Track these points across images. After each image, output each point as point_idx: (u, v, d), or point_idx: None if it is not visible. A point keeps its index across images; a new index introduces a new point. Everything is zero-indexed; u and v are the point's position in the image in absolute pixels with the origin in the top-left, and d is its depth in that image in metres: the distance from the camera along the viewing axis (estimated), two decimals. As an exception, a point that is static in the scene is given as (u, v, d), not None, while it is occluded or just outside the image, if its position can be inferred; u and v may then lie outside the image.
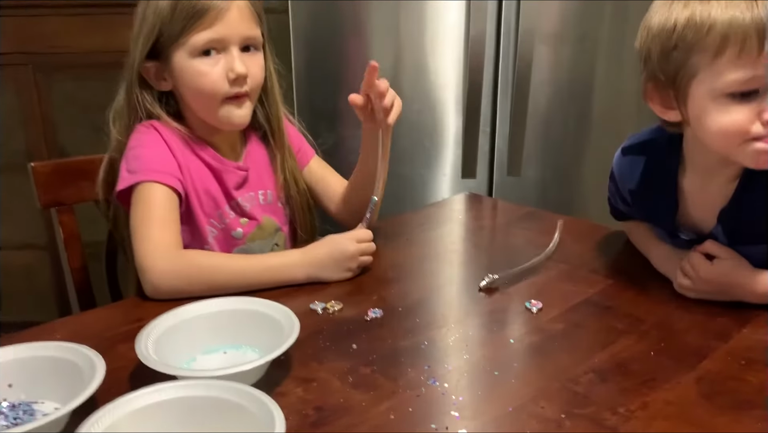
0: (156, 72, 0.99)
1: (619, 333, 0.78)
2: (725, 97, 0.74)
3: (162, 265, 0.87)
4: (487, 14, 1.56)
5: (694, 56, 0.74)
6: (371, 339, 0.78)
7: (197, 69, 0.96)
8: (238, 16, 0.96)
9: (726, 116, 0.74)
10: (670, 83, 0.78)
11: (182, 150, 0.99)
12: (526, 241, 1.07)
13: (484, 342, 0.78)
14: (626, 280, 0.93)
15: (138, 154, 0.97)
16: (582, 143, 1.70)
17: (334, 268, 0.92)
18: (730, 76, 0.73)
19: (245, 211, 1.06)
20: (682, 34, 0.74)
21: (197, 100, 0.99)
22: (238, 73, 0.96)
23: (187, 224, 1.01)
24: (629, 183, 0.93)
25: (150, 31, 0.96)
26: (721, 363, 0.72)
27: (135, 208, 0.94)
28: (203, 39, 0.94)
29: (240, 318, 0.76)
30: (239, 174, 1.05)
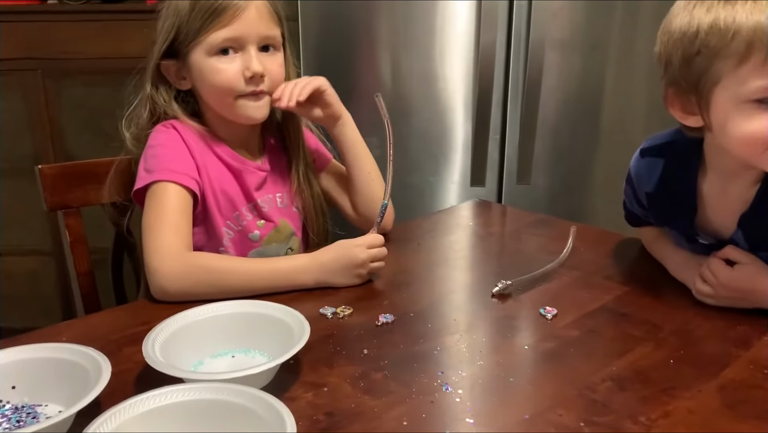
0: (176, 70, 1.00)
1: (637, 340, 0.77)
2: (749, 103, 0.72)
3: (170, 266, 0.86)
4: (497, 22, 1.55)
5: (718, 62, 0.72)
6: (383, 344, 0.76)
7: (214, 66, 0.96)
8: (257, 16, 0.96)
9: (750, 124, 0.72)
10: (692, 89, 0.76)
11: (201, 150, 0.99)
12: (538, 247, 1.06)
13: (498, 348, 0.76)
14: (642, 287, 0.91)
15: (156, 153, 0.97)
16: (592, 152, 1.68)
17: (344, 273, 0.90)
18: (755, 83, 0.70)
19: (263, 213, 1.05)
20: (705, 39, 0.72)
21: (214, 96, 0.99)
22: (255, 72, 0.96)
23: (203, 224, 1.01)
24: (647, 186, 0.91)
25: (169, 29, 0.97)
26: (743, 371, 0.70)
27: (148, 208, 0.93)
28: (220, 37, 0.95)
29: (249, 322, 0.74)
30: (259, 174, 1.05)
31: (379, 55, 1.70)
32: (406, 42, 1.66)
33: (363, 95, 1.74)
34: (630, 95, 1.66)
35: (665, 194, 0.89)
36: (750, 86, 0.71)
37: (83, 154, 1.92)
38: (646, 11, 1.58)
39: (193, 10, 0.95)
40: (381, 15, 1.64)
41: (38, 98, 1.93)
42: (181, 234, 0.91)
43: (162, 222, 0.90)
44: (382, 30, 1.67)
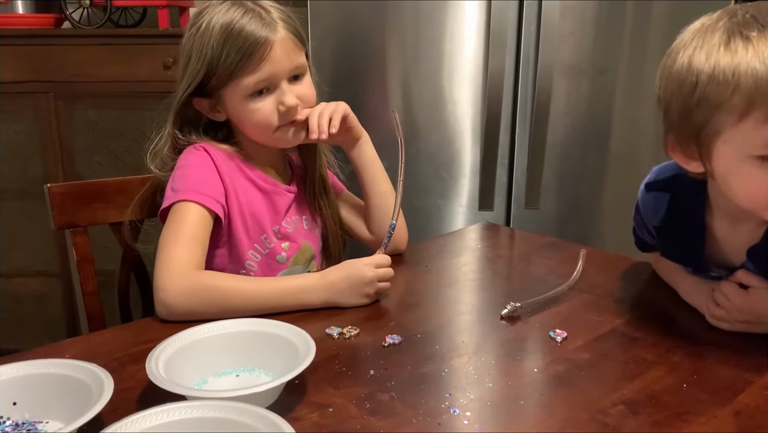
0: (209, 106, 1.01)
1: (649, 364, 0.75)
2: (752, 159, 0.68)
3: (176, 285, 0.85)
4: (506, 47, 1.56)
5: (719, 116, 0.68)
6: (389, 365, 0.75)
7: (249, 107, 0.97)
8: (283, 52, 0.96)
9: (753, 180, 0.69)
10: (692, 138, 0.73)
11: (232, 172, 1.00)
12: (548, 270, 1.04)
13: (508, 371, 0.75)
14: (653, 311, 0.89)
15: (184, 174, 0.97)
16: (600, 176, 1.68)
17: (352, 293, 0.90)
18: (757, 139, 0.67)
19: (287, 234, 1.05)
20: (704, 92, 0.68)
21: (252, 131, 1.01)
22: (289, 106, 0.97)
23: (226, 246, 1.00)
24: (654, 219, 0.91)
25: (196, 71, 0.97)
26: (758, 397, 0.68)
27: (166, 226, 0.93)
28: (252, 82, 0.95)
29: (254, 340, 0.73)
30: (289, 197, 1.06)
31: (388, 79, 1.72)
32: (415, 67, 1.67)
33: (373, 120, 1.74)
34: (639, 120, 1.65)
35: (673, 229, 0.88)
36: (752, 142, 0.67)
37: (93, 176, 1.93)
38: (654, 35, 1.59)
39: (222, 54, 0.94)
40: (391, 40, 1.65)
41: (50, 120, 1.96)
42: (194, 254, 0.90)
43: (176, 241, 0.90)
44: (392, 55, 1.68)
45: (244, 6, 0.96)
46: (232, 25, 0.94)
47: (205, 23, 0.96)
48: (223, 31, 0.94)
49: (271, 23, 0.95)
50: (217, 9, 0.96)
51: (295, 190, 1.07)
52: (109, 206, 1.13)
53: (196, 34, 0.96)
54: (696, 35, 0.71)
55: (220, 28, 0.94)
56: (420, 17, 1.62)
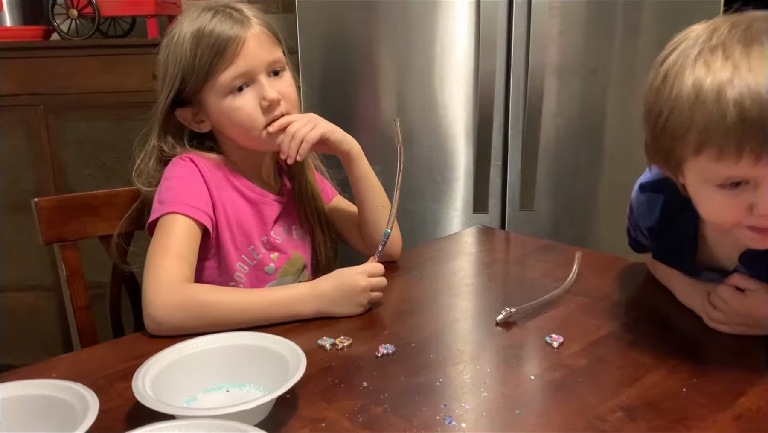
0: (192, 116, 1.00)
1: (647, 368, 0.74)
2: (713, 186, 0.69)
3: (164, 298, 0.84)
4: (496, 49, 1.55)
5: (679, 146, 0.69)
6: (383, 376, 0.73)
7: (231, 106, 0.96)
8: (257, 45, 0.95)
9: (716, 208, 0.71)
10: (663, 159, 0.74)
11: (219, 183, 0.98)
12: (543, 273, 1.03)
13: (503, 379, 0.74)
14: (650, 313, 0.88)
15: (170, 186, 0.96)
16: (595, 176, 1.67)
17: (344, 303, 0.88)
18: (712, 172, 0.68)
19: (276, 245, 1.04)
20: (666, 124, 0.69)
21: (238, 133, 0.99)
22: (271, 100, 0.95)
23: (215, 258, 0.99)
24: (648, 221, 0.90)
25: (173, 79, 0.96)
26: (759, 400, 0.67)
27: (154, 239, 0.92)
28: (229, 77, 0.94)
29: (244, 354, 0.72)
30: (277, 206, 1.05)
31: (379, 84, 1.71)
32: (406, 71, 1.66)
33: (364, 125, 1.74)
34: (632, 119, 1.63)
35: (666, 231, 0.87)
36: (709, 174, 0.69)
37: (85, 188, 1.91)
38: (645, 33, 1.58)
39: (195, 56, 0.94)
40: (381, 44, 1.64)
41: (40, 133, 1.94)
42: (182, 267, 0.89)
43: (164, 254, 0.89)
44: (383, 59, 1.67)
45: (213, 9, 0.96)
46: (203, 28, 0.94)
47: (177, 33, 0.96)
48: (194, 35, 0.94)
49: (242, 20, 0.95)
50: (187, 18, 0.97)
51: (284, 200, 1.06)
52: (99, 219, 1.11)
53: (170, 44, 0.97)
54: (674, 54, 0.70)
55: (191, 34, 0.94)
56: (410, 21, 1.61)
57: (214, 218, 0.96)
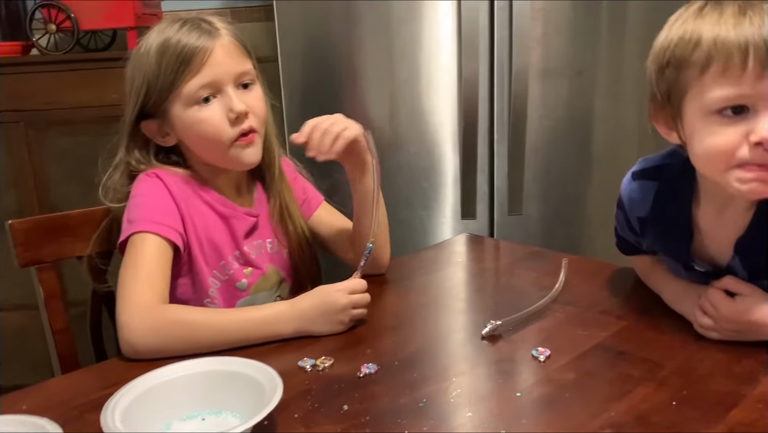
0: (157, 129, 0.97)
1: (636, 381, 0.71)
2: (713, 115, 0.71)
3: (139, 321, 0.81)
4: (479, 54, 1.53)
5: (684, 72, 0.72)
6: (365, 398, 0.71)
7: (196, 117, 0.93)
8: (225, 55, 0.93)
9: (712, 137, 0.71)
10: (666, 101, 0.76)
11: (187, 197, 0.96)
12: (530, 282, 1.01)
13: (489, 396, 0.71)
14: (639, 321, 0.86)
15: (138, 203, 0.93)
16: (583, 178, 1.65)
17: (324, 321, 0.86)
18: (715, 92, 0.70)
19: (250, 260, 1.01)
20: (673, 51, 0.73)
21: (204, 147, 0.96)
22: (238, 112, 0.93)
23: (188, 275, 0.97)
24: (639, 210, 0.87)
25: (138, 90, 0.94)
26: (751, 412, 0.65)
27: (125, 260, 0.89)
28: (195, 86, 0.92)
29: (219, 380, 0.69)
30: (249, 220, 1.02)
31: (363, 90, 1.68)
32: (390, 77, 1.64)
33: (348, 132, 1.72)
34: (619, 120, 1.63)
35: (659, 219, 0.85)
36: (711, 96, 0.70)
37: (69, 204, 1.88)
38: (631, 34, 1.57)
39: (160, 66, 0.92)
40: (363, 51, 1.62)
41: (21, 150, 1.91)
42: (156, 288, 0.86)
43: (136, 275, 0.86)
44: (366, 66, 1.65)
45: (181, 20, 0.94)
46: (169, 39, 0.92)
47: (144, 45, 0.94)
48: (160, 46, 0.92)
49: (210, 30, 0.93)
50: (155, 30, 0.95)
51: (256, 213, 1.03)
52: (76, 239, 1.09)
53: (136, 56, 0.95)
54: (681, 10, 0.76)
55: (157, 44, 0.92)
56: (393, 26, 1.59)
57: (184, 235, 0.93)
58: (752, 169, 0.69)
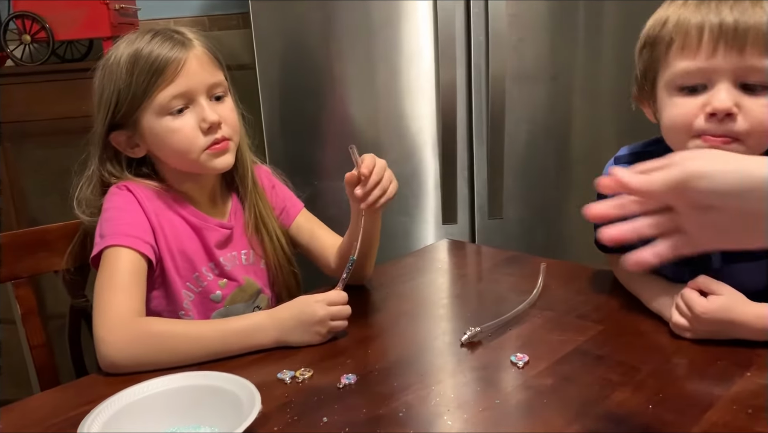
0: (126, 140, 0.96)
1: (614, 385, 0.72)
2: (676, 89, 0.79)
3: (116, 335, 0.81)
4: (456, 60, 1.53)
5: (655, 50, 0.81)
6: (344, 409, 0.71)
7: (169, 127, 0.92)
8: (198, 65, 0.93)
9: (674, 109, 0.79)
10: (644, 80, 0.84)
11: (158, 209, 0.95)
12: (510, 287, 1.02)
13: (468, 404, 0.72)
14: (617, 324, 0.87)
15: (109, 217, 0.93)
16: (563, 181, 1.66)
17: (302, 332, 0.85)
18: (677, 66, 0.78)
19: (226, 272, 1.00)
20: (648, 32, 0.83)
21: (175, 157, 0.95)
22: (212, 122, 0.92)
23: (161, 288, 0.96)
24: None
25: (109, 100, 0.94)
26: (726, 414, 0.65)
27: (99, 275, 0.88)
28: (168, 95, 0.91)
29: (197, 395, 0.69)
30: (222, 232, 1.01)
31: (343, 97, 1.68)
32: (370, 83, 1.65)
33: (328, 140, 1.71)
34: (598, 122, 1.64)
35: None
36: (673, 70, 0.79)
37: (47, 216, 1.87)
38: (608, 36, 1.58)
39: (132, 75, 0.91)
40: (342, 56, 1.62)
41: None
42: (132, 301, 0.86)
43: (111, 289, 0.86)
44: (345, 71, 1.65)
45: (152, 31, 0.94)
46: (140, 49, 0.91)
47: (113, 55, 0.94)
48: (131, 56, 0.91)
49: (183, 41, 0.93)
50: (125, 40, 0.94)
51: (231, 224, 1.02)
52: (53, 254, 1.08)
53: (105, 66, 0.94)
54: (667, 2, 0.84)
55: (128, 55, 0.92)
56: (371, 32, 1.59)
57: (156, 247, 0.93)
58: (707, 140, 0.76)
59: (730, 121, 0.74)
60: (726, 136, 0.75)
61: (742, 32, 0.73)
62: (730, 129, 0.75)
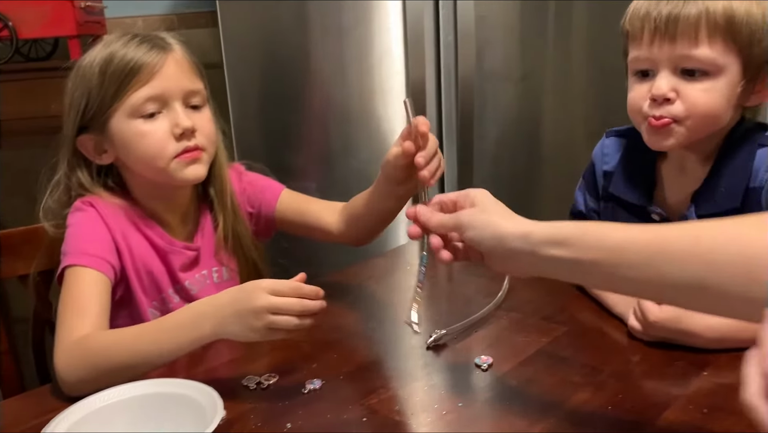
0: (95, 145, 0.93)
1: (576, 387, 0.73)
2: (633, 75, 0.86)
3: (65, 357, 0.77)
4: (425, 60, 1.54)
5: (623, 38, 0.88)
6: (308, 415, 0.71)
7: (139, 130, 0.89)
8: (177, 70, 0.91)
9: (630, 92, 0.87)
10: (625, 68, 0.90)
11: (124, 228, 0.92)
12: (478, 290, 1.02)
13: (431, 407, 0.72)
14: (581, 326, 0.88)
15: (71, 234, 0.90)
16: (533, 180, 1.68)
17: (239, 323, 0.72)
18: (631, 54, 0.86)
19: (191, 296, 0.97)
20: (621, 22, 0.88)
21: (143, 164, 0.91)
22: (185, 128, 0.89)
23: (127, 308, 0.93)
24: (607, 164, 0.96)
25: (79, 100, 0.91)
26: (682, 413, 0.67)
27: (61, 295, 0.85)
28: (141, 97, 0.88)
29: (158, 403, 0.68)
30: (187, 255, 0.97)
31: (314, 97, 1.68)
32: (341, 82, 1.64)
33: (298, 140, 1.71)
34: (568, 121, 1.66)
35: (625, 169, 0.93)
36: (630, 57, 0.86)
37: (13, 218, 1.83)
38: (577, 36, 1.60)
39: (104, 75, 0.88)
40: (312, 55, 1.62)
41: (-40, 165, 1.85)
42: (88, 321, 0.81)
43: (69, 311, 0.82)
44: (316, 71, 1.65)
45: (132, 35, 0.92)
46: (116, 52, 0.89)
47: (87, 58, 0.91)
48: (105, 58, 0.89)
49: (163, 45, 0.91)
50: (100, 44, 0.92)
51: (197, 246, 0.99)
52: (16, 258, 1.06)
53: (79, 68, 0.92)
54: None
55: (102, 57, 0.90)
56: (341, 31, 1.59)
57: (119, 265, 0.90)
58: (651, 122, 0.83)
59: (668, 105, 0.81)
60: (666, 118, 0.82)
61: (673, 24, 0.80)
62: (670, 112, 0.81)
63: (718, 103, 0.81)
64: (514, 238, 0.65)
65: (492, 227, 0.67)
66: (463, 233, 0.69)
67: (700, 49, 0.79)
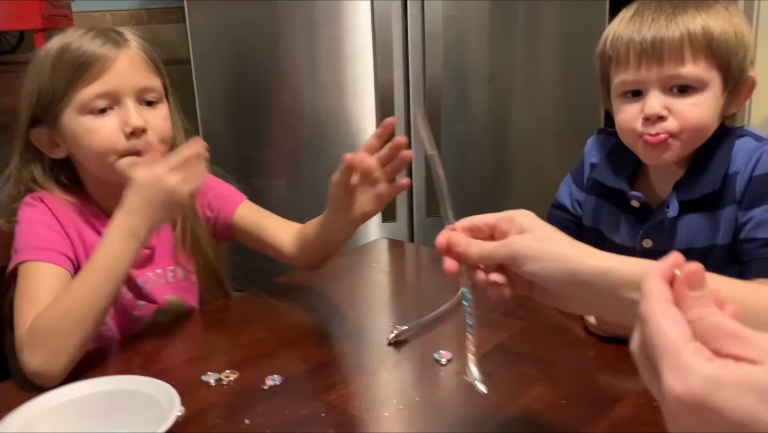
0: (48, 139, 0.91)
1: (532, 381, 0.74)
2: (621, 97, 0.88)
3: (27, 347, 0.77)
4: (394, 61, 1.55)
5: (603, 63, 0.91)
6: (267, 411, 0.71)
7: (89, 126, 0.87)
8: (130, 66, 0.89)
9: (620, 114, 0.88)
10: (603, 88, 0.93)
11: (75, 223, 0.91)
12: (442, 286, 1.03)
13: (389, 402, 0.73)
14: (539, 321, 0.89)
15: (22, 230, 0.88)
16: (500, 180, 1.70)
17: (150, 206, 0.80)
18: (617, 78, 0.88)
19: (143, 293, 0.96)
20: (599, 46, 0.91)
21: (93, 160, 0.90)
22: (135, 126, 0.87)
23: None
24: (595, 157, 0.99)
25: (31, 93, 0.89)
26: (633, 407, 0.68)
27: (17, 292, 0.84)
28: (91, 93, 0.87)
29: (114, 400, 0.68)
30: (141, 253, 0.94)
31: (283, 94, 1.68)
32: (311, 81, 1.64)
33: (266, 137, 1.70)
34: (536, 123, 1.68)
35: (611, 158, 0.97)
36: (615, 82, 0.88)
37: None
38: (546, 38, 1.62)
39: (56, 68, 0.87)
40: (282, 53, 1.62)
41: None
42: None
43: (25, 306, 0.81)
44: (286, 68, 1.64)
45: (85, 28, 0.91)
46: (69, 44, 0.88)
47: (43, 50, 0.90)
48: (59, 50, 0.88)
49: (118, 40, 0.90)
50: (57, 37, 0.91)
51: (152, 244, 0.97)
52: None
53: (33, 62, 0.90)
54: None
55: (56, 49, 0.88)
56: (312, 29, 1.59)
57: (75, 260, 0.89)
58: (647, 139, 0.85)
59: (662, 122, 0.84)
60: (662, 134, 0.84)
61: (659, 46, 0.83)
62: (665, 128, 0.84)
63: (707, 116, 0.85)
64: (594, 275, 0.56)
65: (562, 261, 0.57)
66: (520, 267, 0.58)
67: (687, 68, 0.83)
